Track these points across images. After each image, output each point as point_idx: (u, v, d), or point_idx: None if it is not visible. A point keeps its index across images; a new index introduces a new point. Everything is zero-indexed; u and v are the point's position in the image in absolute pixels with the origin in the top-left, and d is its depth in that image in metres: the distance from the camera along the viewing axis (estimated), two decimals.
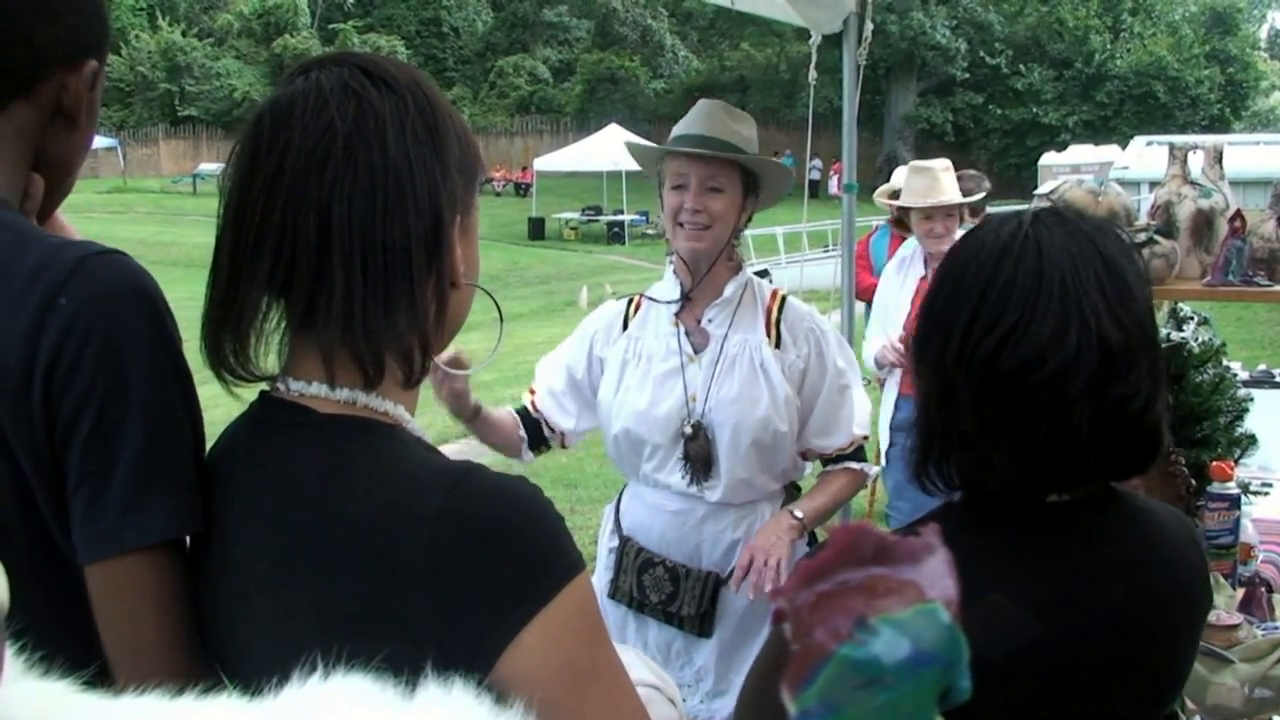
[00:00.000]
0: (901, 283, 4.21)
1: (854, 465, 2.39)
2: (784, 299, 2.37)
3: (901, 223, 4.66)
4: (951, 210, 4.07)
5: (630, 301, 2.45)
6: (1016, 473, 1.10)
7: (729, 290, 2.32)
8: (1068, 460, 1.10)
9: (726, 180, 2.23)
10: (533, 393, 2.44)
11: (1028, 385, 1.06)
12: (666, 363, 2.31)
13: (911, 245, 4.31)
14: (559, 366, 2.45)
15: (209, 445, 1.07)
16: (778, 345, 2.30)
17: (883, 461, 4.43)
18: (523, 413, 2.43)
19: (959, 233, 4.08)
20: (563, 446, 2.50)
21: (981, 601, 1.05)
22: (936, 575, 0.87)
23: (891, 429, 4.27)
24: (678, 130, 2.30)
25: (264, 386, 1.02)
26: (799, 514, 2.28)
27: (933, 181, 4.07)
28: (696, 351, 2.32)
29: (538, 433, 2.43)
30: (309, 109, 0.94)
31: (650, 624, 2.37)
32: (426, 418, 1.05)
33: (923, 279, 4.13)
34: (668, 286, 2.39)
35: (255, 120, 0.97)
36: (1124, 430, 1.10)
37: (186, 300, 1.07)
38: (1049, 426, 1.07)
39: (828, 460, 2.40)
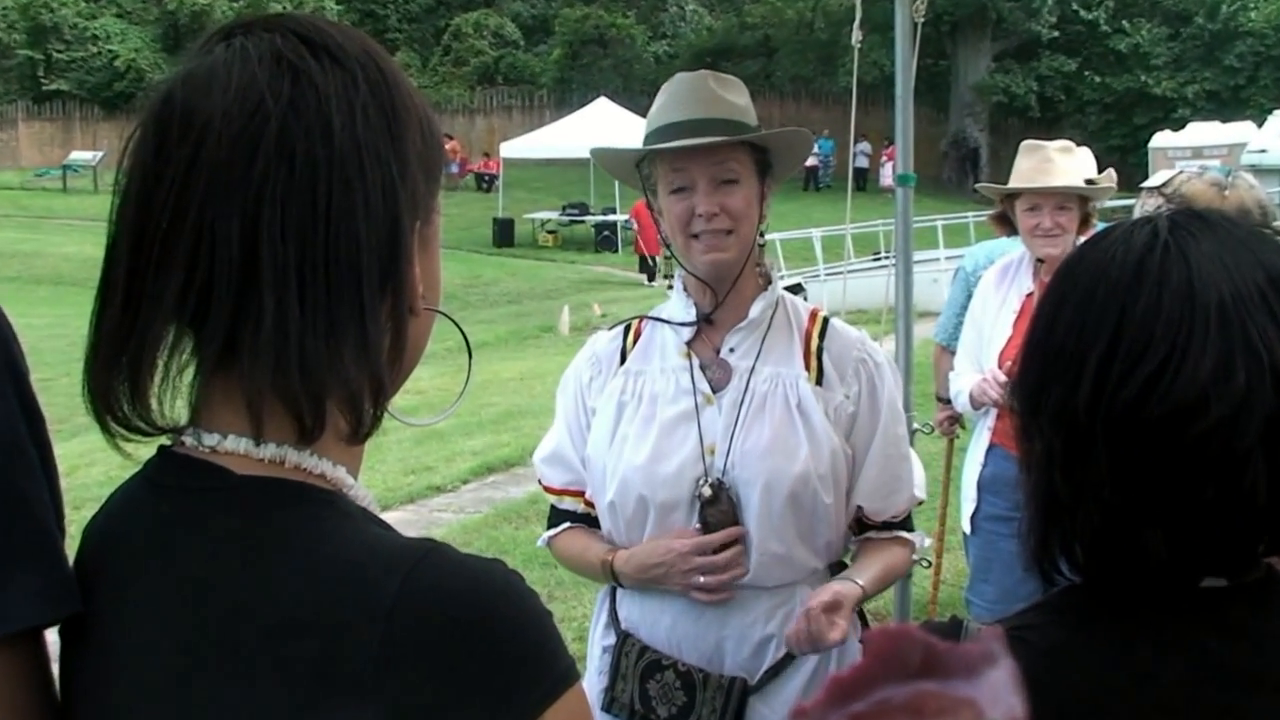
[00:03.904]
0: (1002, 300, 4.16)
1: (906, 535, 2.41)
2: (826, 321, 2.36)
3: (1006, 219, 4.51)
4: (1065, 201, 3.98)
5: (628, 329, 2.43)
6: (1172, 551, 1.09)
7: (756, 310, 2.30)
8: (1239, 531, 1.10)
9: (740, 167, 2.22)
10: (552, 490, 2.49)
11: (1187, 437, 1.06)
12: (676, 405, 2.29)
13: (1018, 250, 4.28)
14: (560, 443, 2.44)
15: (90, 512, 1.07)
16: (819, 381, 2.28)
17: (966, 529, 4.36)
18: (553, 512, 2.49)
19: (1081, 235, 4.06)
20: None
21: None
22: (999, 691, 0.87)
23: (980, 488, 4.21)
24: (658, 119, 2.27)
25: (165, 440, 1.02)
26: (861, 580, 2.26)
27: (1043, 162, 4.05)
28: (715, 390, 2.30)
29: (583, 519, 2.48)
30: (232, 86, 0.94)
31: None
32: (364, 476, 1.06)
33: (1029, 295, 4.07)
34: (678, 307, 2.36)
35: (163, 99, 0.97)
36: None
37: (53, 327, 1.08)
38: (1217, 489, 1.07)
39: (871, 527, 2.39)
